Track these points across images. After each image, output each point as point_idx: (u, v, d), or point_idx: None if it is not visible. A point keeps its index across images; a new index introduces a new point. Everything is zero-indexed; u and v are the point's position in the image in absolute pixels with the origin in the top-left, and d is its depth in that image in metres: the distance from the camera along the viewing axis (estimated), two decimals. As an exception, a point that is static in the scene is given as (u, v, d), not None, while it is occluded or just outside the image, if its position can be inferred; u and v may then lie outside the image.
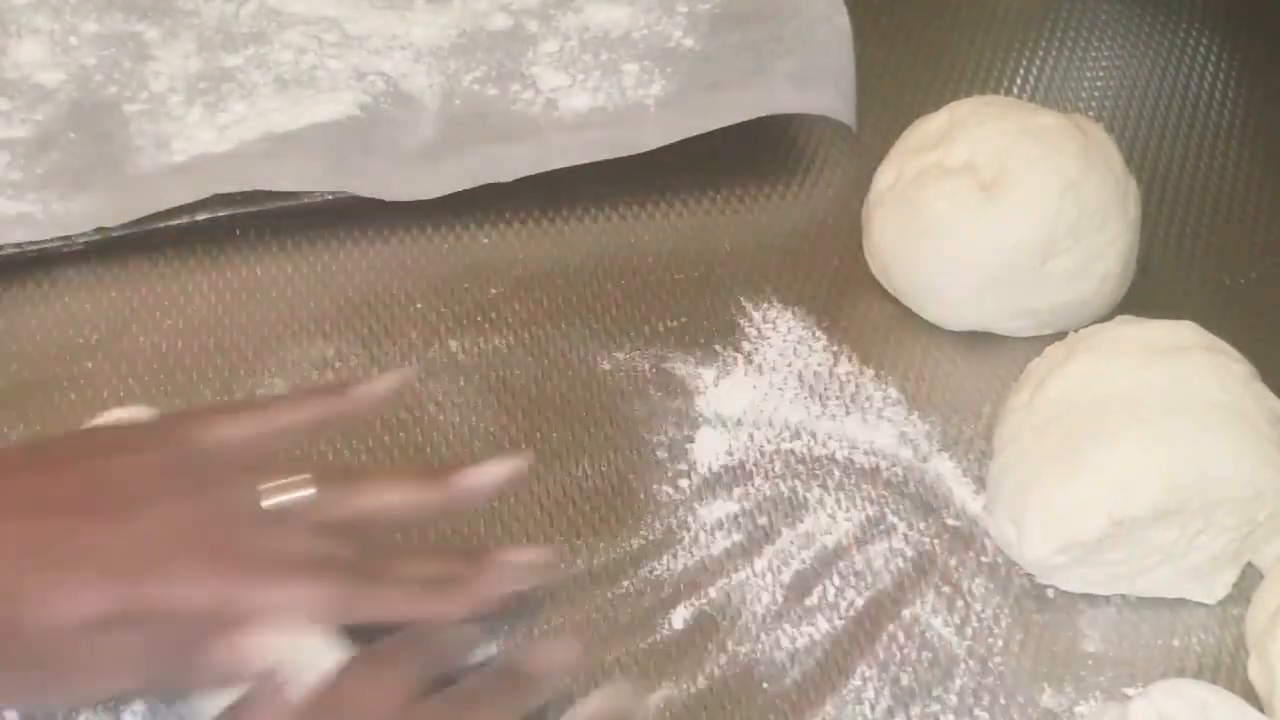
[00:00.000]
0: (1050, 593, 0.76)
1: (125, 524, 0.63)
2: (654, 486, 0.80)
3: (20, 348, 0.85)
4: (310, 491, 0.67)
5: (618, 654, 0.73)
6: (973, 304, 0.86)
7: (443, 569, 0.69)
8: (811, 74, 0.96)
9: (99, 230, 0.89)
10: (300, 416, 0.71)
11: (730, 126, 0.94)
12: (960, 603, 0.75)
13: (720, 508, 0.79)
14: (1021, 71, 1.04)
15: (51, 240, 0.89)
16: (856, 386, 0.84)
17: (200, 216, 0.91)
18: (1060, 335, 0.81)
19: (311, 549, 0.66)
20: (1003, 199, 0.85)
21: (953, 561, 0.77)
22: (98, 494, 0.64)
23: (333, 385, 0.78)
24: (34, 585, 0.61)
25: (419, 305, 0.88)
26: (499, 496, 0.75)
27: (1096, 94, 1.03)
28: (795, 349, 0.86)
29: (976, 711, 0.72)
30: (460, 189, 0.92)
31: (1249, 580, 0.76)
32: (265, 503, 0.66)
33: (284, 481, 0.67)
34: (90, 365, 0.84)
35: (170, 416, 0.71)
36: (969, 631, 0.74)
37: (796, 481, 0.80)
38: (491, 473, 0.71)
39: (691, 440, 0.82)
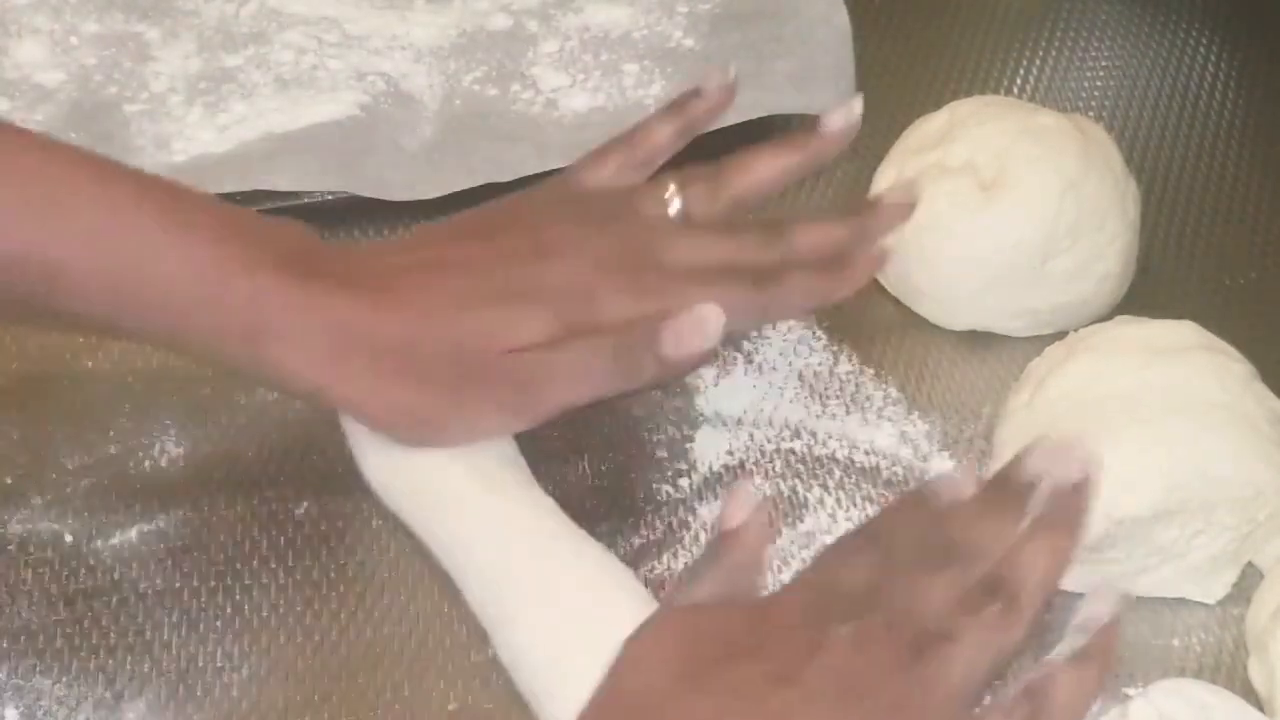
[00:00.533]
0: (1050, 592, 0.76)
1: (554, 264, 0.74)
2: (654, 486, 0.80)
3: (20, 348, 0.85)
4: (677, 202, 0.78)
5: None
6: (973, 304, 0.86)
7: (838, 231, 0.80)
8: (811, 74, 0.96)
9: (99, 230, 0.89)
10: (658, 134, 0.81)
11: (730, 126, 0.94)
12: (960, 602, 0.75)
13: (720, 507, 0.79)
14: (1021, 71, 1.04)
15: (51, 240, 0.89)
16: (856, 386, 0.84)
17: (200, 216, 0.90)
18: (1060, 335, 0.81)
19: (710, 255, 0.76)
20: (1003, 199, 0.85)
21: (953, 561, 0.77)
22: (529, 247, 0.75)
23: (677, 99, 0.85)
24: (496, 318, 0.72)
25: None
26: (847, 142, 0.82)
27: (1096, 94, 1.03)
28: (795, 348, 0.86)
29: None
30: (460, 189, 0.92)
31: (1249, 580, 0.76)
32: (657, 211, 0.77)
33: (661, 194, 0.78)
34: (90, 365, 0.84)
35: (552, 178, 0.82)
36: (969, 631, 0.74)
37: (796, 481, 0.80)
38: (842, 116, 0.81)
39: (691, 439, 0.82)
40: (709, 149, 0.94)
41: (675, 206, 0.78)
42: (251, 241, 0.72)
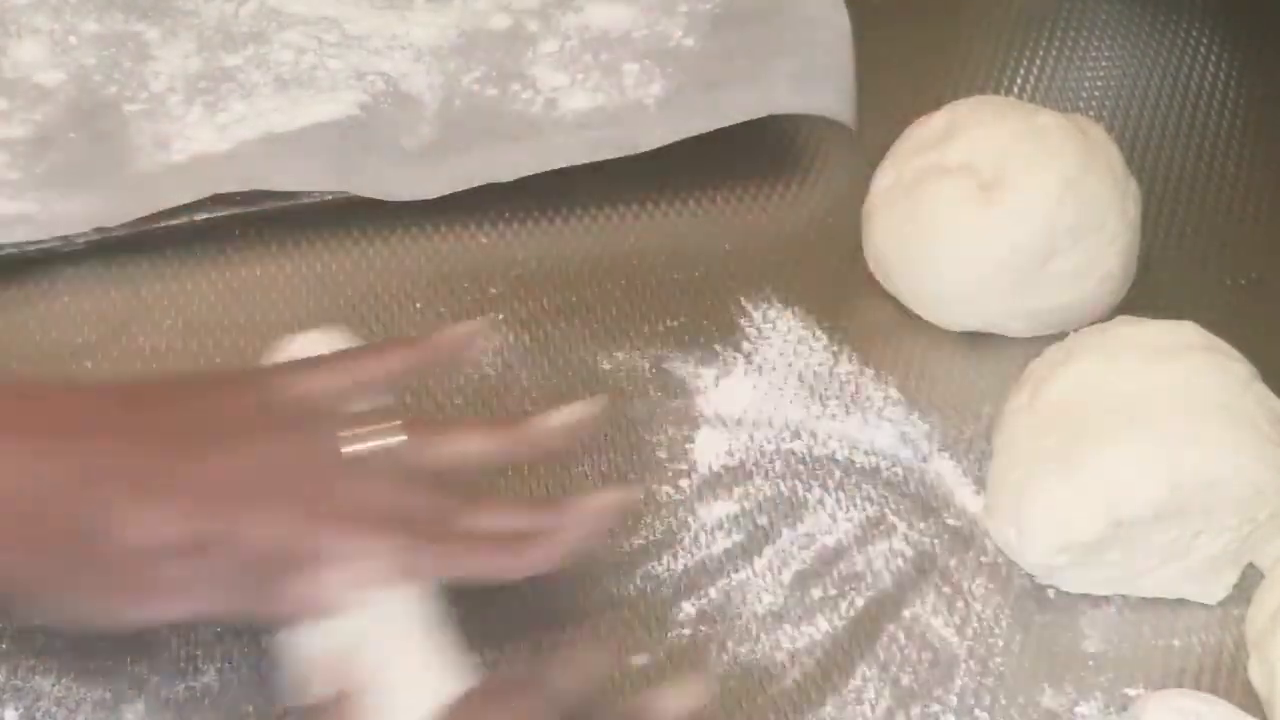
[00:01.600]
0: (1050, 593, 0.76)
1: (216, 459, 0.67)
2: (654, 486, 0.80)
3: (20, 348, 0.85)
4: (400, 438, 0.69)
5: (618, 655, 0.73)
6: (972, 305, 0.86)
7: (522, 520, 0.71)
8: (811, 74, 0.96)
9: (99, 230, 0.89)
10: (385, 367, 0.73)
11: (730, 126, 0.94)
12: (960, 603, 0.75)
13: (720, 508, 0.79)
14: (1021, 71, 1.04)
15: (51, 240, 0.89)
16: (856, 386, 0.84)
17: (200, 216, 0.91)
18: (1060, 335, 0.81)
19: (388, 502, 0.68)
20: (1002, 199, 0.85)
21: (953, 561, 0.77)
22: (193, 429, 0.68)
23: (414, 337, 0.79)
24: (124, 508, 0.65)
25: (419, 305, 0.88)
26: (574, 440, 0.76)
27: (1096, 94, 1.03)
28: (795, 349, 0.86)
29: (976, 711, 0.72)
30: (460, 189, 0.92)
31: (1249, 580, 0.76)
32: (346, 448, 0.68)
33: (372, 428, 0.69)
34: (90, 365, 0.84)
35: (264, 367, 0.74)
36: (969, 632, 0.74)
37: (796, 481, 0.80)
38: (567, 415, 0.73)
39: (691, 440, 0.82)
40: (710, 149, 0.94)
41: (366, 445, 0.69)
42: None
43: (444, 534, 0.69)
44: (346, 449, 0.68)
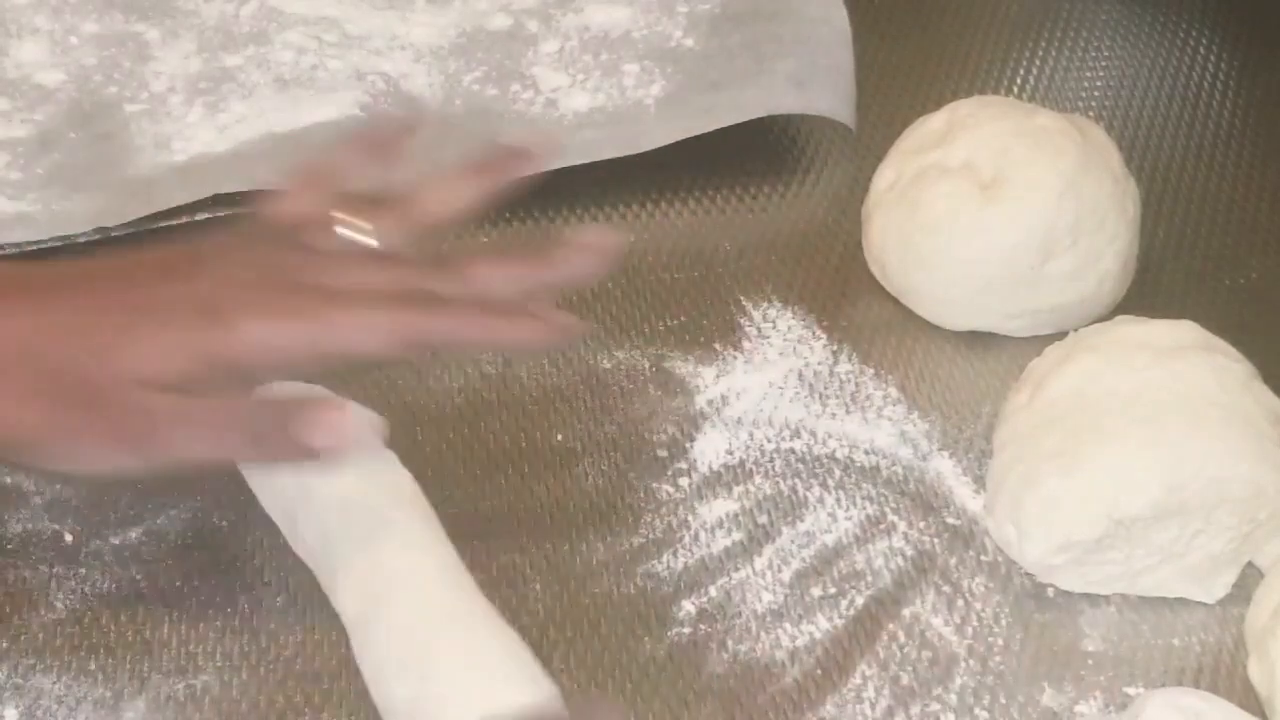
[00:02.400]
0: (1050, 592, 0.76)
1: (196, 283, 0.67)
2: (654, 485, 0.80)
3: (20, 347, 0.85)
4: (372, 243, 0.70)
5: (618, 653, 0.73)
6: (972, 304, 0.86)
7: (514, 274, 0.71)
8: (811, 74, 0.96)
9: (99, 230, 0.89)
10: (344, 160, 0.74)
11: (730, 126, 0.94)
12: (960, 602, 0.75)
13: (720, 506, 0.79)
14: (1021, 71, 1.04)
15: (51, 240, 0.89)
16: (856, 386, 0.85)
17: (200, 216, 0.91)
18: (1060, 335, 0.81)
19: (371, 279, 0.69)
20: (1002, 199, 0.85)
21: (953, 561, 0.77)
22: (173, 264, 0.69)
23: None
24: (123, 341, 0.66)
25: (419, 305, 0.88)
26: (601, 264, 0.74)
27: (1096, 94, 1.03)
28: (795, 348, 0.86)
29: (976, 711, 0.72)
30: (460, 189, 0.92)
31: (1249, 580, 0.76)
32: (339, 231, 0.70)
33: (352, 220, 0.70)
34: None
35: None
36: (969, 631, 0.74)
37: (796, 480, 0.80)
38: (588, 235, 0.74)
39: (691, 439, 0.82)
40: (710, 149, 0.94)
41: (343, 233, 0.70)
42: None
43: (444, 301, 0.69)
44: (341, 230, 0.70)
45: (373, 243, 0.70)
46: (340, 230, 0.70)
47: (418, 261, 0.71)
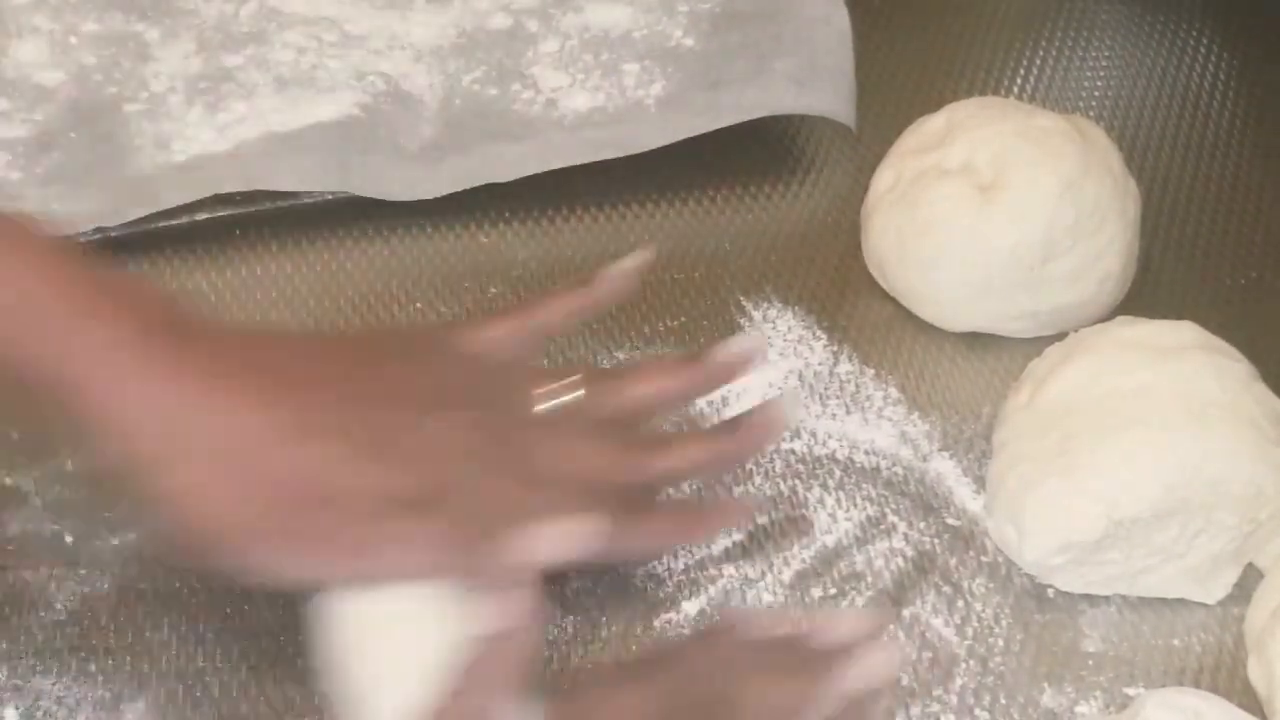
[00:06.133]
0: (1050, 593, 0.76)
1: (422, 426, 0.67)
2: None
3: (20, 347, 0.85)
4: (579, 392, 0.71)
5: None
6: (972, 306, 0.86)
7: (703, 447, 0.75)
8: (811, 74, 0.96)
9: (99, 230, 0.89)
10: (555, 310, 0.75)
11: (730, 126, 0.94)
12: (960, 602, 0.75)
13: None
14: (1021, 72, 1.04)
15: (51, 240, 0.89)
16: (856, 386, 0.84)
17: (200, 216, 0.91)
18: (1060, 335, 0.81)
19: (578, 466, 0.70)
20: (1001, 201, 0.85)
21: (953, 561, 0.77)
22: (398, 392, 0.69)
23: (579, 277, 0.79)
24: (346, 460, 0.65)
25: (419, 305, 0.88)
26: (745, 366, 0.77)
27: (1096, 94, 1.03)
28: (795, 348, 0.86)
29: (976, 711, 0.72)
30: (460, 189, 0.92)
31: (1249, 580, 0.76)
32: (539, 407, 0.71)
33: (555, 385, 0.71)
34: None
35: (444, 324, 0.79)
36: (969, 631, 0.74)
37: (796, 481, 0.80)
38: (739, 344, 0.76)
39: (692, 439, 0.82)
40: (710, 149, 0.94)
41: (555, 402, 0.71)
42: (104, 296, 0.65)
43: (633, 505, 0.71)
44: (539, 407, 0.71)
45: (578, 395, 0.72)
46: (575, 390, 0.72)
47: (618, 444, 0.72)
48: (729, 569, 0.76)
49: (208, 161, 0.92)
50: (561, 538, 0.65)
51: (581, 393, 0.71)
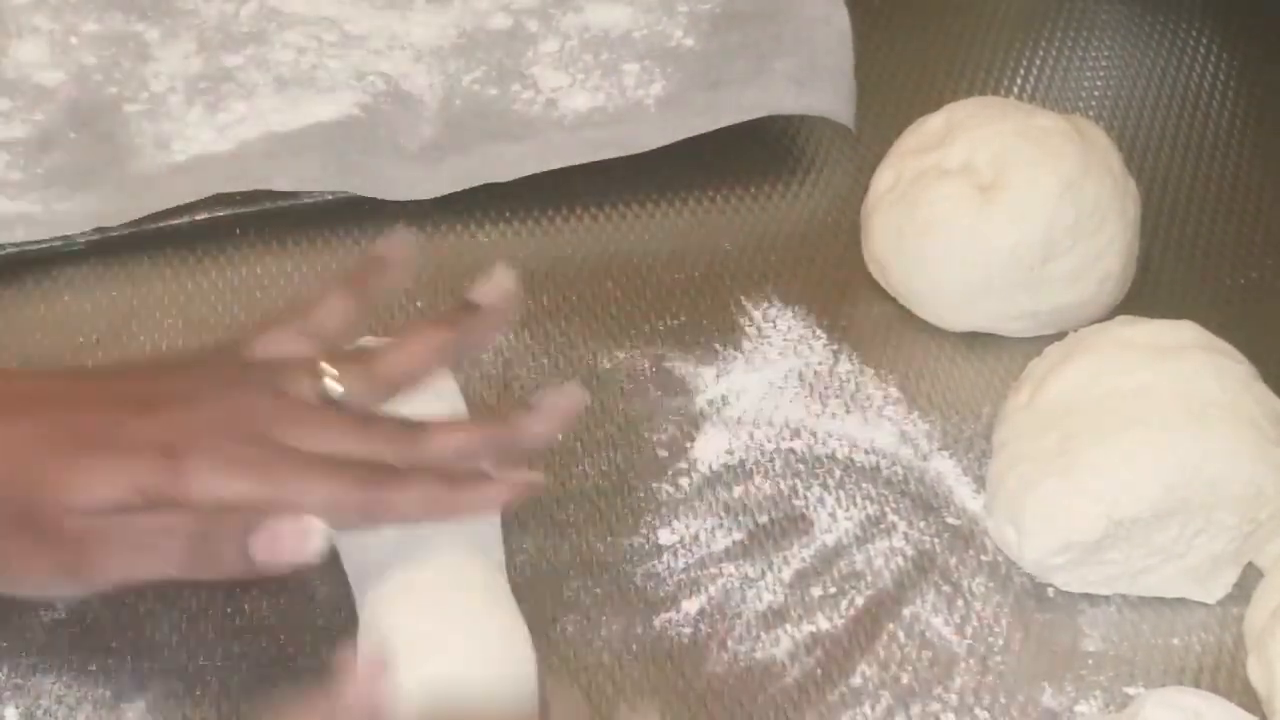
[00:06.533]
0: (1050, 592, 0.76)
1: (165, 415, 0.66)
2: (654, 485, 0.80)
3: (20, 347, 0.85)
4: (328, 381, 0.68)
5: (619, 653, 0.73)
6: (972, 306, 0.86)
7: (475, 442, 0.70)
8: (811, 74, 0.96)
9: (99, 230, 0.89)
10: (334, 309, 0.72)
11: (730, 126, 0.94)
12: (960, 602, 0.75)
13: (720, 506, 0.79)
14: (1021, 72, 1.04)
15: (52, 240, 0.89)
16: (856, 386, 0.84)
17: (200, 216, 0.91)
18: (1060, 335, 0.81)
19: (329, 443, 0.67)
20: (1001, 201, 0.85)
21: (953, 561, 0.77)
22: (136, 394, 0.68)
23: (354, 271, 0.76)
24: (64, 469, 0.64)
25: (419, 305, 0.88)
26: (506, 319, 0.75)
27: (1096, 94, 1.03)
28: (795, 348, 0.86)
29: (976, 711, 0.72)
30: (460, 189, 0.92)
31: (1249, 580, 0.76)
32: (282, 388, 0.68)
33: (308, 370, 0.68)
34: (90, 364, 0.84)
35: (241, 335, 0.73)
36: (969, 631, 0.74)
37: (796, 481, 0.80)
38: (485, 292, 0.73)
39: (692, 439, 0.82)
40: (710, 149, 0.94)
41: (325, 386, 0.69)
42: None
43: (392, 475, 0.67)
44: (297, 388, 0.68)
45: (339, 389, 0.69)
46: (327, 382, 0.69)
47: (386, 423, 0.69)
48: (729, 568, 0.76)
49: (208, 161, 0.92)
50: (302, 535, 0.65)
51: (329, 382, 0.68)
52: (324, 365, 0.69)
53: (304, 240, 0.91)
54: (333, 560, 0.76)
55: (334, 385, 0.68)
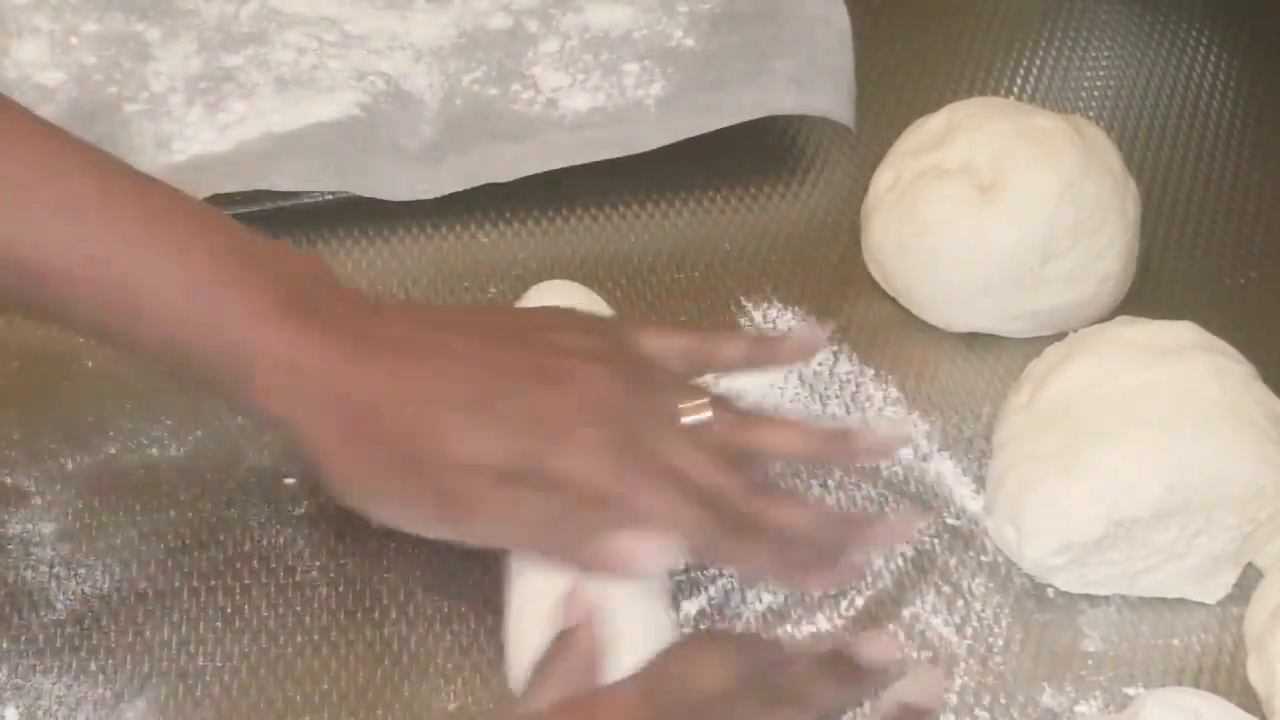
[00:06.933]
0: (1050, 592, 0.76)
1: (553, 397, 0.70)
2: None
3: (20, 346, 0.85)
4: (708, 414, 0.71)
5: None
6: (972, 306, 0.86)
7: (813, 523, 0.72)
8: (811, 74, 0.96)
9: (99, 230, 0.89)
10: (732, 352, 0.77)
11: (730, 126, 0.94)
12: (960, 602, 0.75)
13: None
14: (1021, 72, 1.04)
15: (52, 240, 0.89)
16: (857, 386, 0.84)
17: (200, 216, 0.90)
18: (1060, 335, 0.81)
19: (703, 473, 0.70)
20: (1001, 201, 0.85)
21: (953, 561, 0.77)
22: (534, 365, 0.71)
23: (760, 336, 0.84)
24: (455, 427, 0.69)
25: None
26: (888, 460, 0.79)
27: (1096, 94, 1.03)
28: (795, 348, 0.86)
29: (976, 711, 0.72)
30: (460, 189, 0.92)
31: (1249, 580, 0.76)
32: (686, 419, 0.71)
33: (697, 402, 0.71)
34: (90, 364, 0.84)
35: (620, 320, 0.79)
36: (969, 631, 0.74)
37: (796, 481, 0.80)
38: (887, 439, 0.77)
39: (692, 439, 0.82)
40: (710, 149, 0.94)
41: (700, 417, 0.71)
42: (250, 268, 0.69)
43: (747, 526, 0.70)
44: (686, 419, 0.71)
45: (707, 415, 0.71)
46: (701, 412, 0.71)
47: (747, 472, 0.72)
48: (729, 568, 0.76)
49: (208, 161, 0.92)
50: (658, 553, 0.68)
51: (710, 415, 0.71)
52: (708, 400, 0.72)
53: (304, 240, 0.91)
54: (333, 560, 0.76)
55: (705, 413, 0.71)
